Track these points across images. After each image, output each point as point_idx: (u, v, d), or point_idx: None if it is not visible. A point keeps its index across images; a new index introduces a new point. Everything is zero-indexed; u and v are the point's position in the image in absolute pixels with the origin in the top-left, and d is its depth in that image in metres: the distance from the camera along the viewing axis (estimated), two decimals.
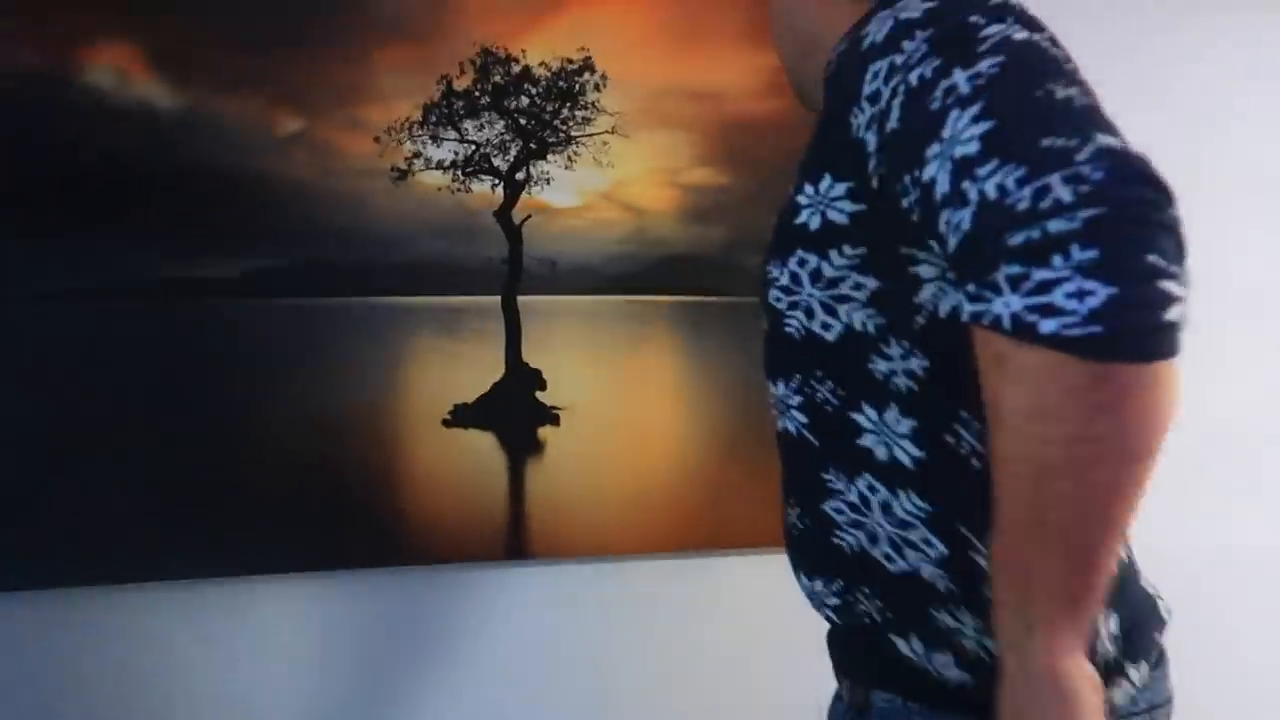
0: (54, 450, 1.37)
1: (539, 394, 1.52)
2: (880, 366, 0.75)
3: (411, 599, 1.50)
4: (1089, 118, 0.59)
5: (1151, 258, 0.54)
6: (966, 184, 0.58)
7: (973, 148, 0.59)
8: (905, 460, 0.74)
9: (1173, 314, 0.55)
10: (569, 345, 1.54)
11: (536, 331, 1.52)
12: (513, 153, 1.51)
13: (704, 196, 1.57)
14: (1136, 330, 0.54)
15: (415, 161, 1.48)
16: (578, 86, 1.53)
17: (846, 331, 0.77)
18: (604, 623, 1.56)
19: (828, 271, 0.76)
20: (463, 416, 1.50)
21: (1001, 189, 0.57)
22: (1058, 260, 0.54)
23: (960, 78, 0.62)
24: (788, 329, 0.81)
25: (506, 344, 1.51)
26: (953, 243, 0.60)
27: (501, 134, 1.50)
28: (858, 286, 0.75)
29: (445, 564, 1.49)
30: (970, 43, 0.64)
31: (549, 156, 1.52)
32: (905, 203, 0.66)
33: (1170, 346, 0.55)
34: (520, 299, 1.51)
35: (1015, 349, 0.56)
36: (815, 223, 0.76)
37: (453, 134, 1.49)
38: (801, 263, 0.78)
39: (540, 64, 1.51)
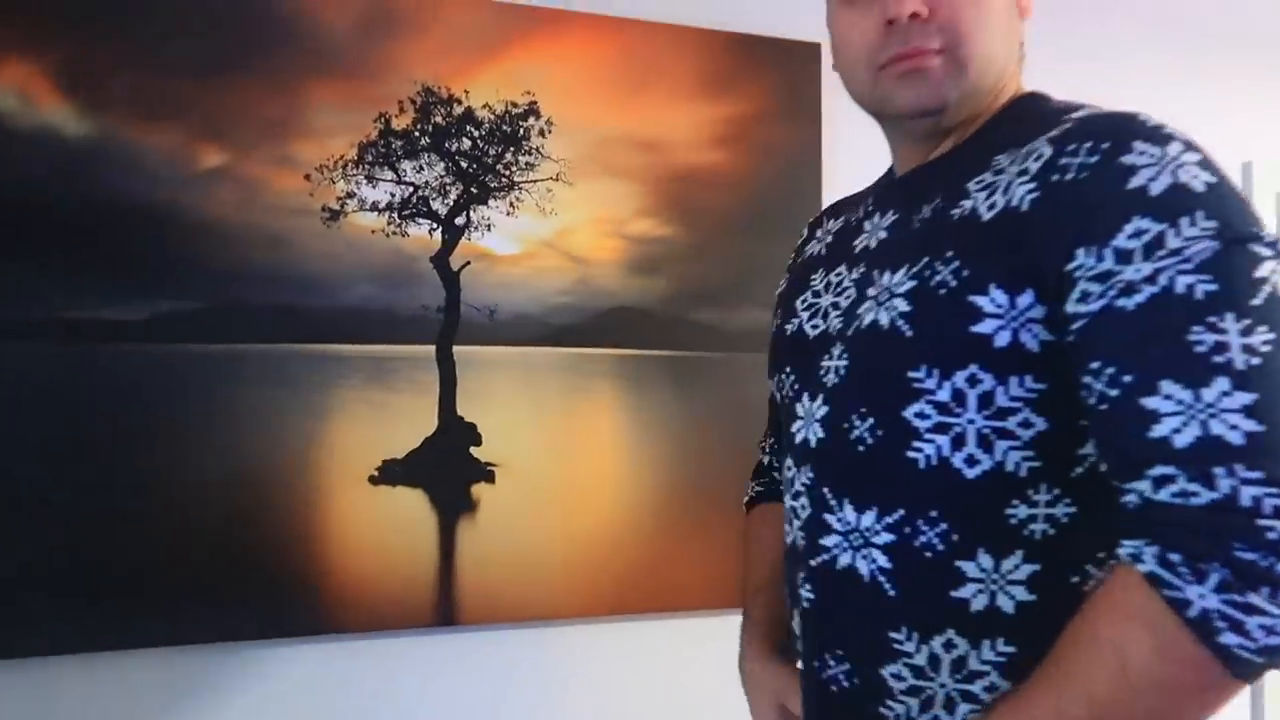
0: None
1: (473, 449, 1.45)
2: (1020, 512, 0.69)
3: (338, 671, 1.39)
4: None
5: None
6: (1219, 470, 0.59)
7: (1236, 438, 0.59)
8: (1007, 607, 0.69)
9: None
10: (506, 398, 1.47)
11: (472, 383, 1.45)
12: (452, 196, 1.44)
13: (648, 247, 1.53)
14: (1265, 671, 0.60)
15: (349, 202, 1.40)
16: (522, 131, 1.48)
17: (995, 471, 0.69)
18: (540, 689, 1.48)
19: (1000, 400, 0.68)
20: (392, 474, 1.40)
21: (1256, 501, 0.58)
22: (1267, 593, 0.58)
23: (1235, 338, 0.60)
24: (915, 453, 0.71)
25: (440, 396, 1.43)
26: (1171, 496, 0.60)
27: (441, 176, 1.44)
28: (1026, 424, 0.68)
29: (372, 633, 1.38)
30: (1250, 282, 0.62)
31: (490, 201, 1.46)
32: (1095, 385, 0.64)
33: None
34: (456, 349, 1.44)
35: (1176, 628, 0.59)
36: (1003, 339, 0.67)
37: (389, 175, 1.42)
38: (973, 381, 0.68)
39: (484, 106, 1.45)
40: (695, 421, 1.54)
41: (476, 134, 1.46)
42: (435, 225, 1.44)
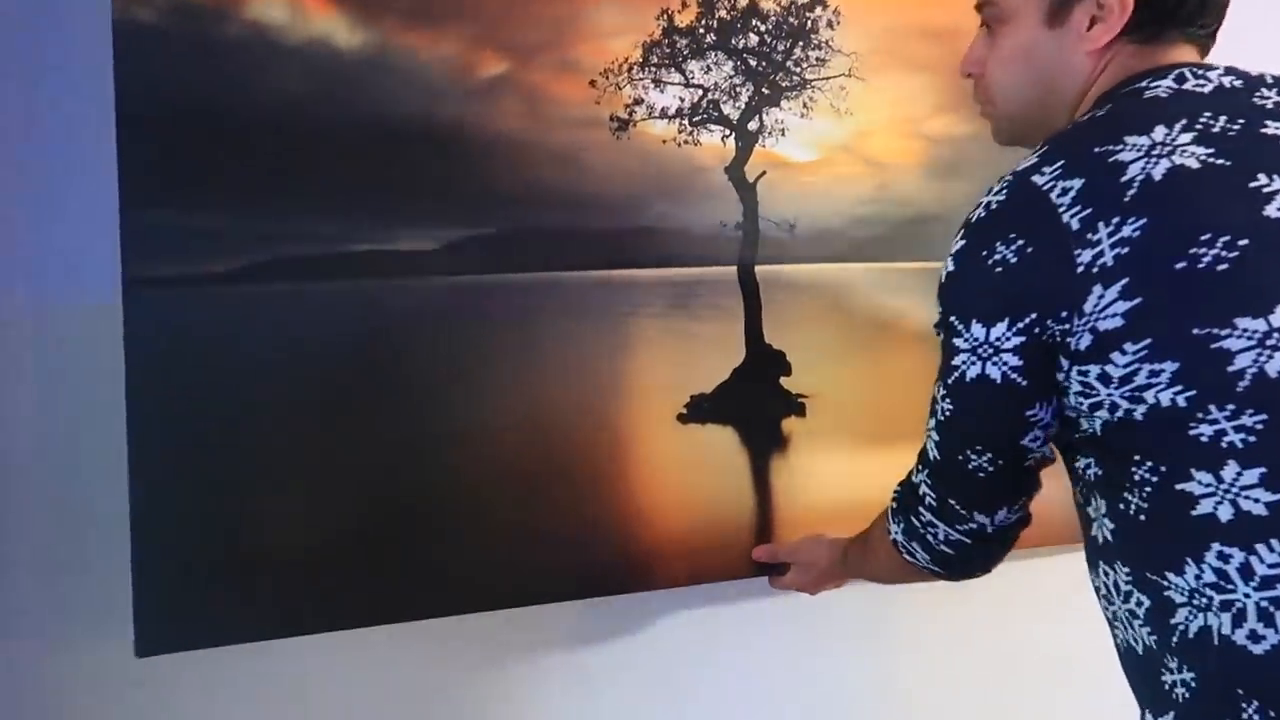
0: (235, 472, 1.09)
1: (783, 380, 1.30)
2: (1079, 464, 0.87)
3: (662, 626, 1.26)
4: None
5: None
6: (917, 467, 0.99)
7: (930, 454, 0.95)
8: (1109, 536, 0.84)
9: None
10: (811, 322, 1.32)
11: (776, 306, 1.29)
12: (743, 98, 1.29)
13: (949, 148, 1.37)
14: None
15: (637, 109, 1.24)
16: (810, 23, 1.31)
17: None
18: (859, 637, 1.34)
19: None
20: (701, 410, 1.26)
21: (924, 493, 0.97)
22: (921, 544, 0.98)
23: (939, 400, 0.92)
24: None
25: (746, 322, 1.28)
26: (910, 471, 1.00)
27: (730, 77, 1.28)
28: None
29: (694, 585, 1.25)
30: (948, 367, 0.88)
31: (783, 103, 1.30)
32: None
33: None
34: (757, 269, 1.29)
35: (891, 541, 1.03)
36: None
37: (677, 77, 1.26)
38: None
39: None
40: None
41: (763, 28, 1.30)
42: (728, 131, 1.28)
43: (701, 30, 1.27)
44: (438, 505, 1.16)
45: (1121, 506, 0.80)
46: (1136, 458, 0.78)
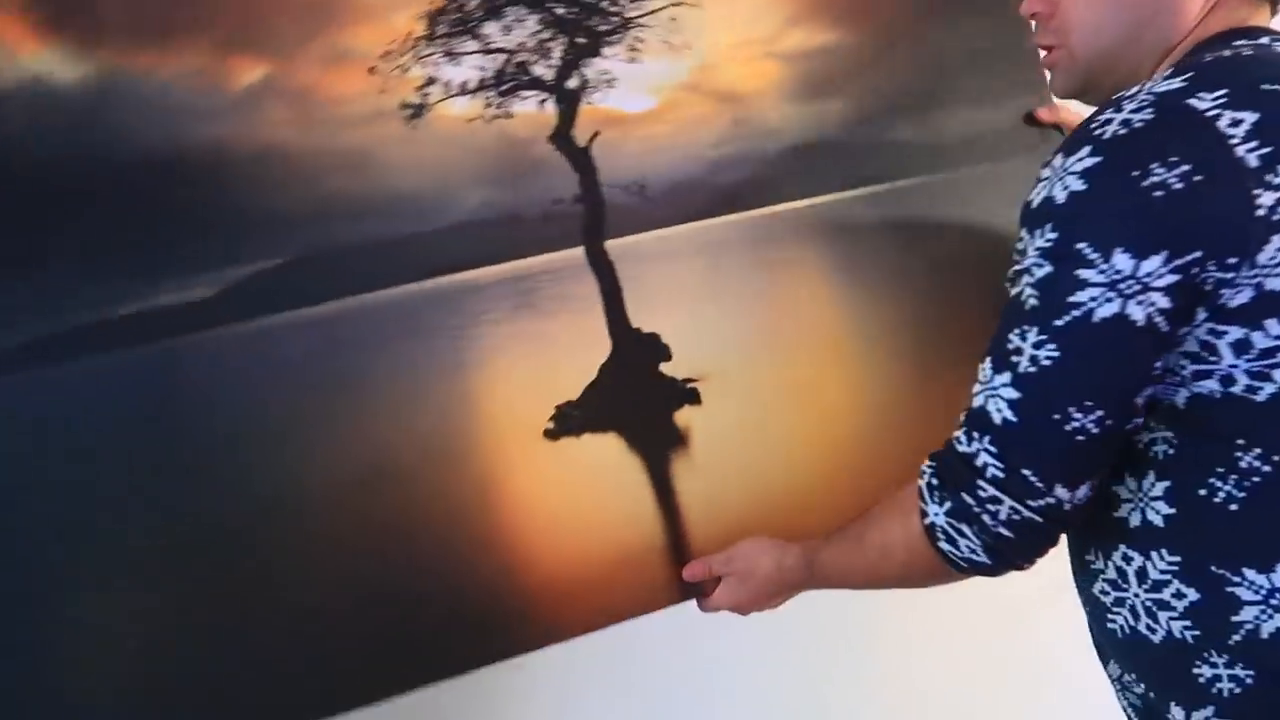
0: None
1: (663, 367, 1.11)
2: (1143, 438, 0.78)
3: (575, 679, 1.07)
4: None
5: None
6: (975, 434, 0.80)
7: (997, 419, 0.78)
8: (1157, 521, 0.77)
9: None
10: (685, 293, 1.13)
11: (639, 284, 1.11)
12: (556, 54, 1.11)
13: (812, 63, 1.18)
14: None
15: (431, 90, 1.07)
16: None
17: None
18: (817, 645, 1.15)
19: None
20: (570, 421, 1.08)
21: (984, 466, 0.79)
22: (972, 529, 0.79)
23: (1029, 349, 0.75)
24: None
25: (605, 308, 1.10)
26: (954, 436, 0.81)
27: (537, 33, 1.10)
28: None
29: (601, 628, 1.06)
30: (1061, 306, 0.74)
31: (604, 50, 1.12)
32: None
33: None
34: (609, 244, 1.10)
35: (918, 528, 0.84)
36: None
37: (472, 44, 1.08)
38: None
39: None
40: (931, 264, 1.18)
41: None
42: (544, 95, 1.10)
43: None
44: (275, 592, 0.98)
45: (1202, 492, 0.73)
46: (1242, 442, 0.71)
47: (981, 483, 0.75)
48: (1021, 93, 1.20)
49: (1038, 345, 0.72)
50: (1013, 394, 0.73)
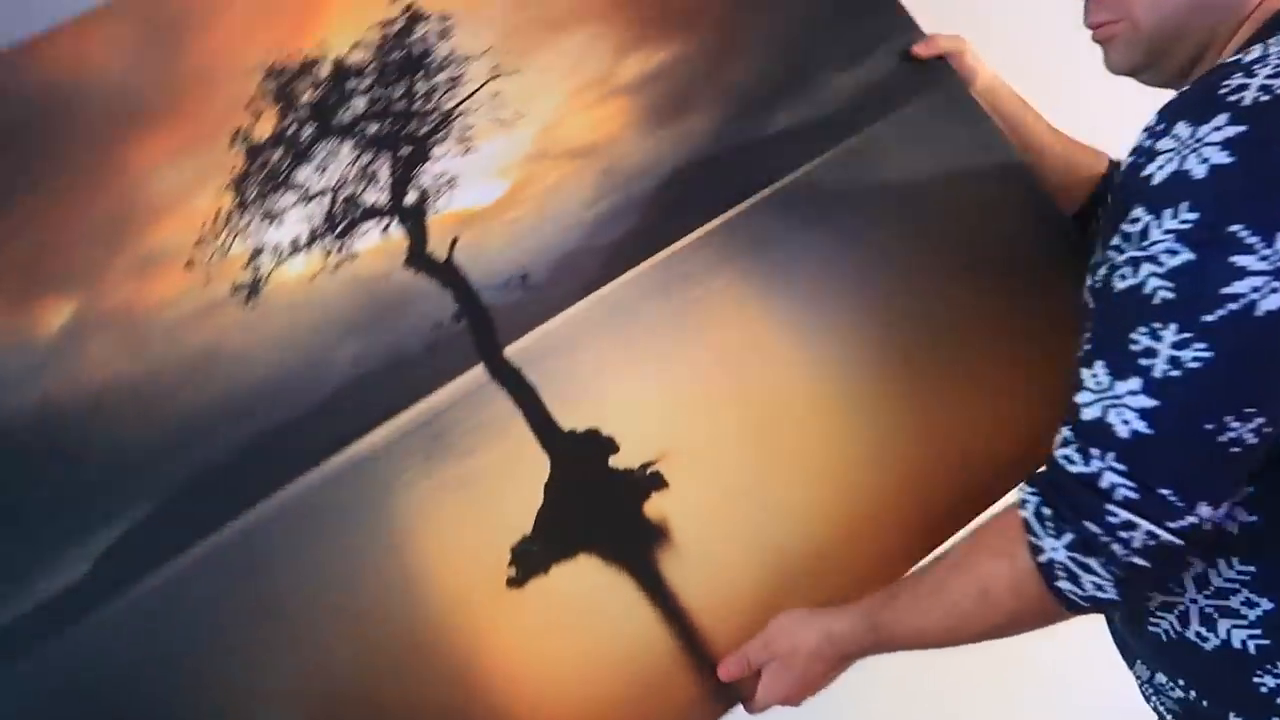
0: None
1: (613, 461, 0.97)
2: None
3: None
4: None
5: None
6: (1095, 451, 0.71)
7: (1123, 432, 0.69)
8: (1230, 527, 0.72)
9: None
10: (608, 375, 1.00)
11: (556, 383, 0.98)
12: (384, 175, 1.00)
13: (657, 85, 1.06)
14: None
15: (260, 261, 0.95)
16: (416, 48, 1.03)
17: None
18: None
19: None
20: (532, 559, 0.93)
21: (1112, 488, 0.70)
22: (1099, 562, 0.71)
23: (1166, 349, 0.67)
24: None
25: (528, 420, 0.96)
26: (1060, 455, 0.73)
27: (355, 160, 0.99)
28: None
29: None
30: (1211, 299, 0.66)
31: (433, 153, 1.01)
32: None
33: None
34: (508, 352, 0.97)
35: (1029, 567, 0.74)
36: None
37: (290, 196, 0.97)
38: None
39: (352, 46, 1.01)
40: (871, 244, 1.05)
41: (364, 85, 1.01)
42: (385, 220, 0.99)
43: (292, 129, 0.99)
44: None
45: None
46: None
47: (1111, 506, 0.67)
48: (887, 36, 1.08)
49: (1180, 345, 0.64)
50: (1146, 402, 0.66)
